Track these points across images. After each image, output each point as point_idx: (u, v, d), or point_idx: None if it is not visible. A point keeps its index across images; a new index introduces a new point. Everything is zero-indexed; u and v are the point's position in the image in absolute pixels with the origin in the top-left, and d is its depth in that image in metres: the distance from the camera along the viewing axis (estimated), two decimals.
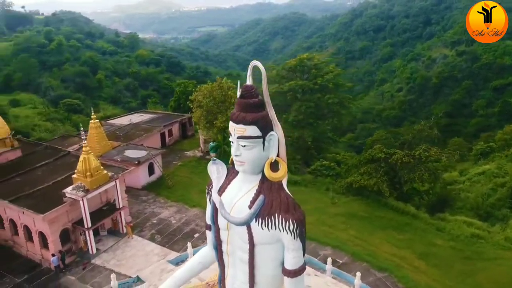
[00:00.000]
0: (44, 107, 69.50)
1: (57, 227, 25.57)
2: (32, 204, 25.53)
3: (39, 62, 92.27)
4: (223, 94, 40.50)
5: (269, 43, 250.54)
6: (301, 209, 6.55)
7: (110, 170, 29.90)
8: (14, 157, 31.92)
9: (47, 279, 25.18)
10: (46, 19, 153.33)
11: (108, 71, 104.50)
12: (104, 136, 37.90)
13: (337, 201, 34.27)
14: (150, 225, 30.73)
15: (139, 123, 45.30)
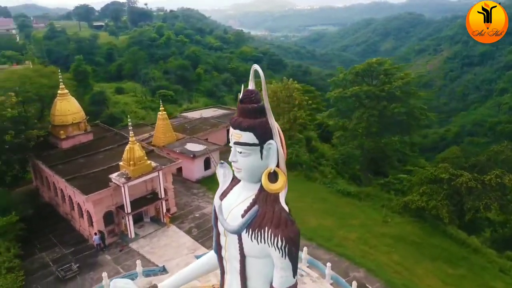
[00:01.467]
0: (142, 95, 75.90)
1: (101, 209, 27.79)
2: (83, 185, 28.11)
3: (148, 54, 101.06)
4: (288, 95, 39.79)
5: (379, 44, 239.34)
6: (294, 226, 6.14)
7: (162, 161, 31.54)
8: (86, 140, 35.47)
9: (88, 255, 27.56)
10: (164, 15, 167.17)
11: (208, 65, 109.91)
12: (169, 127, 40.06)
13: (390, 220, 31.38)
14: (191, 218, 31.66)
15: (209, 118, 46.87)
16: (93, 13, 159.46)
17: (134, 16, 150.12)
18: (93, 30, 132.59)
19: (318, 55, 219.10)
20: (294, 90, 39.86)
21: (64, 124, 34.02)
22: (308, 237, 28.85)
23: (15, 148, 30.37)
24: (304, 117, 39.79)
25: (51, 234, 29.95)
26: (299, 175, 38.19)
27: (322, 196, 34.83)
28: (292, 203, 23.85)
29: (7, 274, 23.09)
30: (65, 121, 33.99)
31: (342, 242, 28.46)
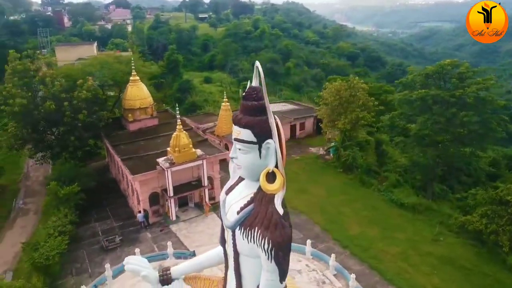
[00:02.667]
0: (227, 86, 78.66)
1: (147, 189, 29.78)
2: (135, 165, 30.38)
3: (242, 47, 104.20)
4: (352, 94, 38.00)
5: (500, 44, 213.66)
6: (285, 230, 6.03)
7: (212, 150, 32.61)
8: (151, 124, 38.11)
9: (132, 230, 29.85)
10: (265, 9, 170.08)
11: (300, 60, 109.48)
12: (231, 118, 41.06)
13: (442, 239, 28.40)
14: None
15: (274, 112, 46.74)
16: (201, 5, 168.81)
17: (236, 9, 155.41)
18: (198, 21, 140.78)
19: (426, 54, 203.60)
20: (359, 89, 37.90)
21: (132, 108, 36.99)
22: (344, 244, 27.61)
23: (87, 126, 33.90)
24: (368, 119, 37.68)
25: (109, 207, 33.00)
26: (354, 179, 36.46)
27: (373, 204, 32.81)
28: (338, 207, 23.55)
29: (58, 236, 26.12)
30: (133, 105, 36.92)
31: (379, 255, 26.61)
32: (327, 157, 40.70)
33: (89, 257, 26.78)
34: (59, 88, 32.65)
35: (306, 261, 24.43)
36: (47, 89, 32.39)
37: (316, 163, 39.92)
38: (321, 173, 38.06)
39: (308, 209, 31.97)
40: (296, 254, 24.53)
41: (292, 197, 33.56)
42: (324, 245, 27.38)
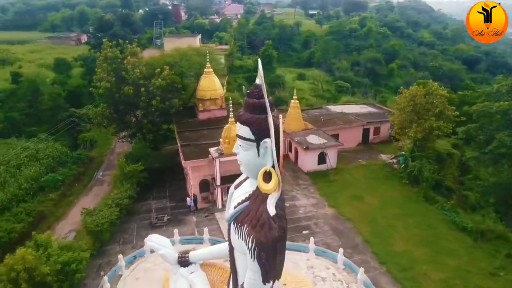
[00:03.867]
0: (320, 84, 77.68)
1: (198, 176, 31.45)
2: (190, 152, 32.25)
3: (344, 45, 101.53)
4: (429, 101, 34.87)
5: None
6: (271, 231, 6.03)
7: None
8: (220, 115, 39.76)
9: (181, 212, 31.87)
10: (379, 6, 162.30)
11: (407, 61, 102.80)
12: (299, 116, 40.86)
13: (502, 274, 24.81)
14: None
15: (349, 114, 45.12)
16: (314, 2, 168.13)
17: (348, 6, 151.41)
18: (307, 18, 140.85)
19: None
20: (438, 96, 34.55)
21: (203, 98, 39.09)
22: (382, 259, 25.88)
23: (160, 112, 36.89)
24: (444, 129, 34.21)
25: (168, 188, 35.62)
26: (417, 193, 33.53)
27: (430, 223, 29.88)
28: (389, 220, 23.41)
29: (113, 207, 29.20)
30: (204, 96, 39.00)
31: (419, 278, 24.34)
32: (395, 166, 38.04)
33: (137, 230, 29.43)
34: (138, 75, 36.06)
35: (334, 270, 23.46)
36: (128, 75, 36.00)
37: (381, 171, 37.58)
38: (383, 182, 35.77)
39: (355, 217, 30.51)
40: (326, 261, 23.79)
41: (343, 203, 32.45)
42: (359, 257, 25.98)
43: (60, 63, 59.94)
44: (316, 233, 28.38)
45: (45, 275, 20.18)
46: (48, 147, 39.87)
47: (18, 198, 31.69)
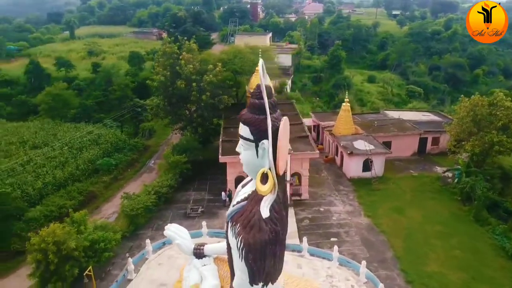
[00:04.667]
0: (389, 87, 74.19)
1: (233, 171, 31.95)
2: (228, 147, 32.72)
3: (424, 48, 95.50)
4: (492, 113, 31.73)
5: None
6: (260, 233, 6.04)
7: (308, 148, 32.46)
8: None
9: (217, 206, 32.63)
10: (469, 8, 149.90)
11: (495, 67, 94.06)
12: (350, 120, 39.52)
13: None
14: (314, 210, 31.63)
15: (406, 121, 42.51)
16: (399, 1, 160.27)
17: (436, 6, 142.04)
18: (389, 18, 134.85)
19: None
20: (502, 108, 31.25)
21: None
22: (409, 278, 24.33)
23: (209, 107, 38.04)
24: (508, 144, 30.87)
25: (209, 181, 36.61)
26: (468, 212, 30.71)
27: (474, 245, 27.22)
28: (428, 238, 23.63)
29: (151, 194, 30.86)
30: None
31: None
32: (449, 180, 35.15)
33: (171, 218, 30.77)
34: (191, 70, 37.49)
35: (354, 283, 22.50)
36: (182, 70, 37.61)
37: (432, 185, 34.99)
38: (431, 196, 33.30)
39: (391, 230, 28.87)
40: (349, 272, 22.94)
41: (381, 214, 30.95)
42: (385, 273, 24.63)
43: (134, 56, 64.35)
44: (344, 242, 27.42)
45: (72, 250, 22.00)
46: (109, 133, 43.19)
47: (74, 178, 34.81)
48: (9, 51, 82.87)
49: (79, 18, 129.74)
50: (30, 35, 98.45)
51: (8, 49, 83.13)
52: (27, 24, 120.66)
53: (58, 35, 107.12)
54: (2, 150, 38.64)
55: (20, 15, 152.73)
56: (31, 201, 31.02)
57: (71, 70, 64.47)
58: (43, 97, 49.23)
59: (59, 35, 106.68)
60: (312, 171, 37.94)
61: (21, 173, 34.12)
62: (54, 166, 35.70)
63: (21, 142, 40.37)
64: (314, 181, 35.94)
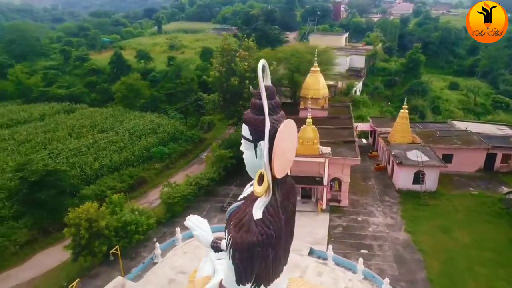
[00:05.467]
0: (471, 95, 68.12)
1: None
2: None
3: None
4: None
5: None
6: (248, 234, 6.06)
7: (351, 154, 31.26)
8: (320, 115, 38.92)
9: None
10: None
11: None
12: (407, 128, 37.17)
13: None
14: (350, 218, 30.36)
15: (474, 134, 38.60)
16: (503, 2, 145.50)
17: None
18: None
19: None
20: None
21: (305, 96, 38.90)
22: None
23: None
24: None
25: (238, 179, 36.61)
26: None
27: None
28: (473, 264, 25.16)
29: (192, 186, 32.04)
30: (306, 94, 38.76)
31: None
32: None
33: (208, 211, 31.71)
34: (245, 68, 38.07)
35: None
36: (236, 67, 38.35)
37: (492, 206, 31.45)
38: (486, 219, 29.99)
39: (430, 250, 26.65)
40: (370, 287, 21.91)
41: (424, 231, 28.84)
42: None
43: (206, 51, 66.91)
44: (375, 256, 25.99)
45: (102, 228, 23.79)
46: (168, 124, 45.59)
47: (128, 162, 37.42)
48: (103, 43, 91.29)
49: (170, 14, 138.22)
50: (123, 29, 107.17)
51: (102, 41, 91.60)
52: (125, 19, 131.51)
53: (148, 29, 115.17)
54: (75, 132, 42.84)
55: (122, 10, 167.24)
56: (87, 180, 34.06)
57: (150, 62, 69.02)
58: (118, 86, 53.44)
59: (149, 29, 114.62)
60: (359, 178, 36.52)
61: (85, 154, 37.56)
62: (113, 150, 38.71)
63: (91, 126, 44.37)
64: (358, 188, 34.49)
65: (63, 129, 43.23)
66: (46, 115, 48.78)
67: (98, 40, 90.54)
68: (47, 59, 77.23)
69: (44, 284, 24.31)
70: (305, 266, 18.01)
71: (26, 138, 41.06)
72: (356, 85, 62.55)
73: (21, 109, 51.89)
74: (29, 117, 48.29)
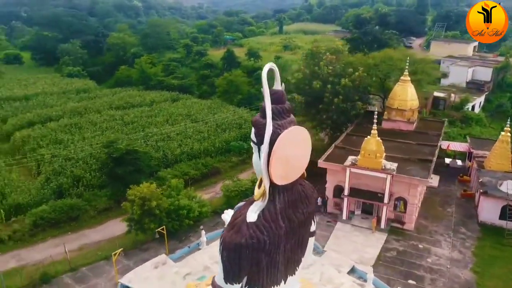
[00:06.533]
0: None
1: (333, 179, 30.74)
2: (335, 154, 31.49)
3: None
4: None
5: None
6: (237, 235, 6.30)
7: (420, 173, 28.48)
8: (405, 128, 35.92)
9: None
10: None
11: None
12: (507, 154, 32.29)
13: None
14: (411, 244, 27.59)
15: None
16: None
17: None
18: None
19: None
20: None
21: (390, 106, 36.28)
22: None
23: (341, 111, 36.98)
24: None
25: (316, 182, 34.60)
26: None
27: None
28: None
29: (252, 183, 32.70)
30: (392, 104, 36.12)
31: None
32: None
33: None
34: (329, 72, 37.17)
35: None
36: (320, 70, 37.66)
37: None
38: None
39: None
40: None
41: (497, 274, 25.56)
42: None
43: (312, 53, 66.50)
44: None
45: (153, 207, 25.95)
46: None
47: (207, 152, 39.73)
48: (225, 40, 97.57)
49: (295, 15, 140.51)
50: (247, 28, 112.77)
51: (224, 38, 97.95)
52: (254, 18, 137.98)
53: (271, 29, 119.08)
54: (172, 119, 47.05)
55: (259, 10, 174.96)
56: (166, 163, 37.26)
57: (258, 60, 71.60)
58: (221, 80, 56.85)
59: (271, 29, 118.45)
60: (437, 202, 33.03)
61: (172, 139, 41.08)
62: (197, 139, 41.52)
63: (187, 115, 48.19)
64: (432, 213, 31.14)
65: (163, 116, 47.80)
66: (155, 102, 54.41)
67: (221, 37, 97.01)
68: (173, 52, 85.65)
69: (105, 247, 27.54)
70: (339, 283, 17.20)
71: (132, 120, 46.55)
72: (474, 100, 55.70)
73: (138, 94, 58.76)
74: (141, 102, 54.49)
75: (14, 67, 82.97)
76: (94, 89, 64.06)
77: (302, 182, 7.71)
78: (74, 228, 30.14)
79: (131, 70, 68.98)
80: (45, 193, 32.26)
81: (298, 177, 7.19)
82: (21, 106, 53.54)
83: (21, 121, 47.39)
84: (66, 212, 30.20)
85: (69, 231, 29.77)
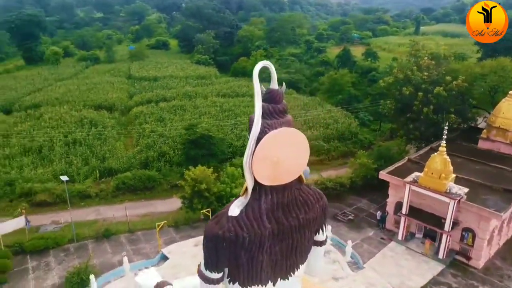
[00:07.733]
0: None
1: (395, 194, 28.28)
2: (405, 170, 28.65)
3: None
4: None
5: None
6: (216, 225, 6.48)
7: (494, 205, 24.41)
8: (506, 151, 30.71)
9: (368, 221, 30.16)
10: None
11: None
12: None
13: None
14: (471, 284, 23.83)
15: None
16: None
17: None
18: None
19: None
20: None
21: (491, 124, 31.26)
22: None
23: (429, 122, 33.32)
24: None
25: (375, 195, 33.21)
26: None
27: None
28: None
29: (316, 185, 31.99)
30: (493, 122, 31.06)
31: None
32: None
33: None
34: (423, 78, 33.74)
35: None
36: (413, 76, 34.43)
37: None
38: None
39: None
40: None
41: None
42: None
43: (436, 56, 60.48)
44: None
45: (203, 190, 27.59)
46: (344, 121, 45.34)
47: None
48: (352, 38, 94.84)
49: (442, 14, 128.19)
50: (379, 27, 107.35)
51: (352, 36, 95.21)
52: (395, 17, 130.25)
53: (408, 29, 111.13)
54: None
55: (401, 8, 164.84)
56: (243, 152, 38.68)
57: (375, 61, 68.05)
58: (325, 79, 55.93)
59: (407, 30, 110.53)
60: None
61: None
62: None
63: None
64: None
65: None
66: None
67: (348, 35, 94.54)
68: (295, 47, 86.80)
69: (164, 218, 30.40)
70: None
71: (230, 108, 49.27)
72: None
73: (246, 85, 61.54)
74: (245, 92, 57.05)
75: (161, 52, 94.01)
76: (213, 77, 69.07)
77: (302, 187, 7.44)
78: (147, 196, 33.79)
79: (248, 61, 72.29)
80: (133, 162, 36.77)
81: (292, 180, 7.02)
82: (148, 85, 60.92)
83: (142, 98, 54.06)
84: (144, 181, 34.02)
85: (143, 198, 33.51)
